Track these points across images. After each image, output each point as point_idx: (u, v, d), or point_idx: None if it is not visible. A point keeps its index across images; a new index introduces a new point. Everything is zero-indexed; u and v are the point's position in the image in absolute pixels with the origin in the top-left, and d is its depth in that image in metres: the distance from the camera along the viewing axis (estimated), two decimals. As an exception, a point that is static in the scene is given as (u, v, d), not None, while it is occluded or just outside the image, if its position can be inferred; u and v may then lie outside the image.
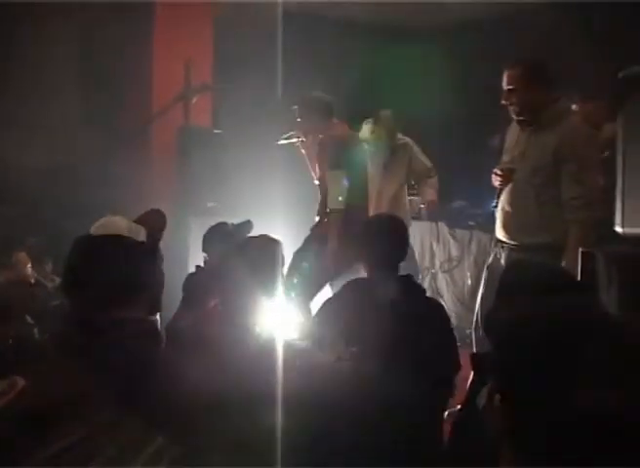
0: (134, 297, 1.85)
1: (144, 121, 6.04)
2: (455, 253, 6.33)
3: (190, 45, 6.29)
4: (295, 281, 4.26)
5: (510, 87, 3.59)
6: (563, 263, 3.32)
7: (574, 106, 4.30)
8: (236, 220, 3.68)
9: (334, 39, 7.15)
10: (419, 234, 6.51)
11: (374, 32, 7.57)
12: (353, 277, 3.21)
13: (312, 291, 4.36)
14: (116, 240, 1.87)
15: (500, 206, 3.73)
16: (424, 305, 2.91)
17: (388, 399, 2.34)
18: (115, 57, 6.04)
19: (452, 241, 6.36)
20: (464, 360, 2.32)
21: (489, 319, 1.35)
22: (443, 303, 6.33)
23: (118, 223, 1.92)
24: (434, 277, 6.43)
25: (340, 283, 3.26)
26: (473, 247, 6.11)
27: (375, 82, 7.16)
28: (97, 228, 1.91)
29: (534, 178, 3.56)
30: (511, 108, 3.64)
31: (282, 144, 5.02)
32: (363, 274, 3.03)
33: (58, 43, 5.90)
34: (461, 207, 6.40)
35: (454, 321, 6.12)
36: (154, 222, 2.05)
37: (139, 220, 2.02)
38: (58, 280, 4.97)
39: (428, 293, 6.36)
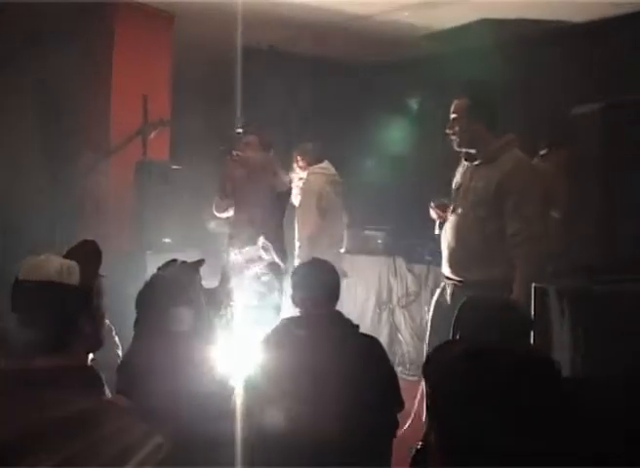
0: (65, 346, 1.80)
1: (102, 155, 6.00)
2: (412, 287, 6.37)
3: (148, 79, 6.30)
4: None
5: (454, 116, 3.67)
6: (511, 298, 3.35)
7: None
8: (193, 256, 3.64)
9: (289, 73, 7.24)
10: (376, 269, 6.55)
11: (329, 67, 7.70)
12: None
13: None
14: (46, 287, 1.82)
15: (446, 242, 3.76)
16: (360, 342, 2.87)
17: (330, 441, 2.32)
18: (72, 89, 6.01)
19: (409, 276, 6.40)
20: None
21: (426, 360, 1.35)
22: (401, 338, 6.39)
23: (48, 266, 1.84)
24: (392, 312, 6.46)
25: None
26: (430, 281, 6.15)
27: (328, 115, 7.26)
28: (26, 272, 1.84)
29: (478, 213, 3.59)
30: (453, 138, 3.70)
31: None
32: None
33: (10, 74, 5.85)
34: (417, 243, 6.46)
35: (412, 356, 6.16)
36: (89, 259, 1.99)
37: (72, 254, 1.95)
38: None
39: (386, 329, 6.45)
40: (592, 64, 5.87)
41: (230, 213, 5.40)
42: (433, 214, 3.90)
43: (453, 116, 3.69)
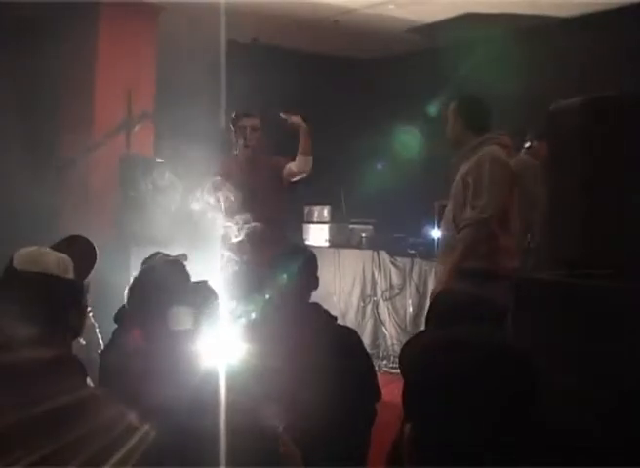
0: (55, 337, 1.81)
1: (86, 150, 5.99)
2: (396, 280, 6.40)
3: (132, 73, 6.28)
4: None
5: (445, 119, 3.94)
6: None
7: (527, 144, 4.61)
8: (177, 249, 3.66)
9: (276, 68, 7.23)
10: (360, 262, 6.57)
11: (316, 62, 7.71)
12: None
13: None
14: (46, 278, 1.82)
15: (440, 232, 4.04)
16: (337, 334, 2.90)
17: (307, 432, 2.34)
18: (55, 84, 5.99)
19: (393, 269, 6.43)
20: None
21: (401, 351, 1.36)
22: (385, 331, 6.42)
23: (46, 259, 1.86)
24: (376, 305, 6.48)
25: None
26: (414, 275, 6.19)
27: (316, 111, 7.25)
28: (24, 262, 1.84)
29: (452, 208, 3.84)
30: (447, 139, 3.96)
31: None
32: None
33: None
34: (401, 237, 6.50)
35: (396, 349, 6.19)
36: (85, 256, 2.00)
37: (66, 250, 1.96)
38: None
39: (370, 322, 6.48)
40: (575, 59, 5.92)
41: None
42: None
43: (445, 119, 3.97)
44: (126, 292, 2.43)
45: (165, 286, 2.39)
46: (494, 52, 6.53)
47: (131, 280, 3.02)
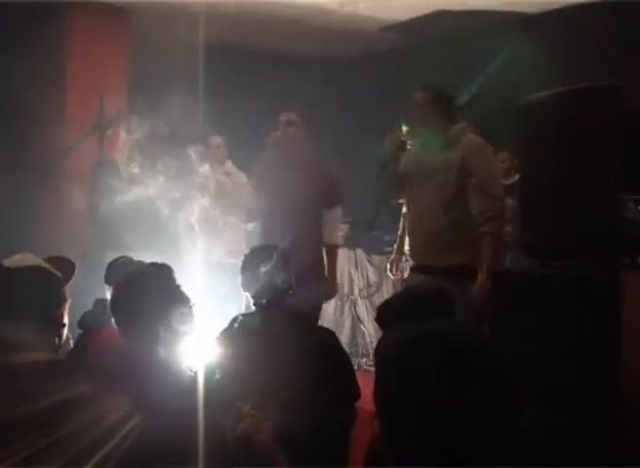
0: (45, 335, 1.82)
1: (58, 154, 5.94)
2: (373, 278, 6.41)
3: (104, 76, 6.24)
4: None
5: (416, 109, 3.81)
6: (478, 282, 3.45)
7: None
8: (152, 253, 3.63)
9: (249, 71, 7.23)
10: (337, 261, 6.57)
11: (289, 63, 7.71)
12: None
13: None
14: (39, 270, 1.85)
15: (410, 231, 3.83)
16: (315, 335, 2.89)
17: (288, 432, 2.34)
18: (25, 88, 5.93)
19: (370, 267, 6.44)
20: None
21: (375, 348, 1.37)
22: (364, 329, 6.43)
23: (35, 258, 1.91)
24: (354, 303, 6.50)
25: None
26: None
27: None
28: (14, 262, 1.87)
29: (442, 197, 3.66)
30: (415, 129, 3.87)
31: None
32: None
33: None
34: (377, 235, 6.51)
35: (375, 346, 6.20)
36: (64, 268, 2.03)
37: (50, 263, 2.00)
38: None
39: (349, 320, 6.49)
40: (547, 53, 5.97)
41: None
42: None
43: (416, 109, 3.82)
44: (110, 296, 2.41)
45: (160, 289, 2.38)
46: (467, 49, 6.58)
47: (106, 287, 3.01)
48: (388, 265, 4.30)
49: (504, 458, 1.10)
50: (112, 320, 2.34)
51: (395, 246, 4.33)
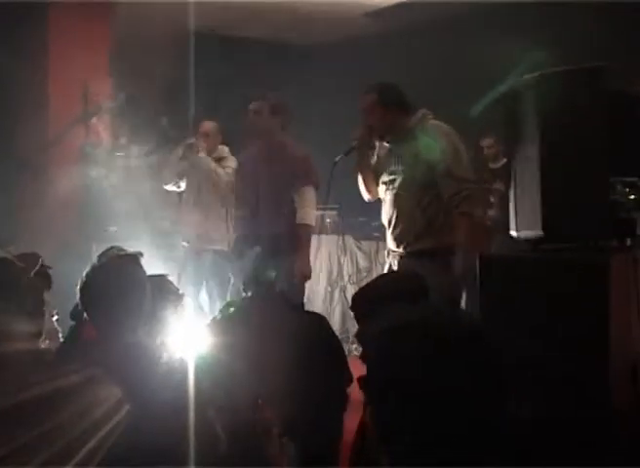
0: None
1: (43, 145, 5.89)
2: (363, 264, 6.42)
3: (87, 65, 6.18)
4: None
5: (366, 111, 3.83)
6: (453, 265, 3.51)
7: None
8: (138, 245, 3.59)
9: (234, 58, 7.19)
10: (325, 248, 6.57)
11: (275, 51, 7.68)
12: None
13: None
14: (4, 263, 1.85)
15: (387, 217, 3.87)
16: (306, 320, 2.90)
17: (280, 416, 2.34)
18: (11, 79, 5.87)
19: (359, 253, 6.45)
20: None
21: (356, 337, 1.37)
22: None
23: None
24: (343, 289, 6.50)
25: None
26: (381, 257, 6.19)
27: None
28: None
29: (413, 185, 3.71)
30: (372, 130, 3.86)
31: None
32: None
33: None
34: (365, 221, 6.51)
35: (355, 334, 6.20)
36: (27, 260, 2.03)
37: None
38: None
39: (339, 307, 6.49)
40: (527, 38, 5.95)
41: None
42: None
43: (365, 111, 3.85)
44: (78, 288, 2.39)
45: (117, 281, 2.34)
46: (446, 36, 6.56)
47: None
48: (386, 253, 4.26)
49: (492, 442, 1.10)
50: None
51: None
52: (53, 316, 3.18)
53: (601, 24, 5.74)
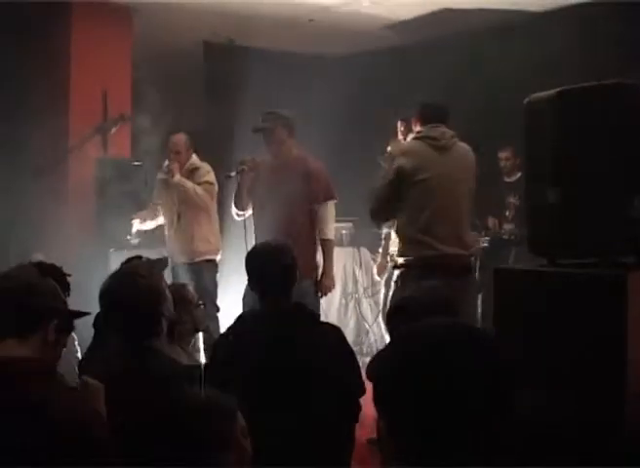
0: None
1: (62, 153, 5.94)
2: (378, 277, 6.41)
3: (108, 75, 6.24)
4: None
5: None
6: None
7: None
8: (157, 253, 3.64)
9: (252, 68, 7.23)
10: (341, 260, 6.57)
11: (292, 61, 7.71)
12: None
13: None
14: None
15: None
16: (318, 331, 2.88)
17: (292, 426, 2.34)
18: (31, 86, 5.94)
19: (374, 266, 6.44)
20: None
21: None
22: (368, 328, 6.44)
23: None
24: (358, 302, 6.50)
25: None
26: (396, 270, 6.19)
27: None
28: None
29: None
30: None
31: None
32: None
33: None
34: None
35: (379, 345, 6.21)
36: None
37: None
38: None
39: (353, 319, 6.49)
40: (551, 53, 5.95)
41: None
42: None
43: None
44: (99, 294, 2.41)
45: (137, 289, 2.37)
46: (469, 49, 6.57)
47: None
48: (375, 269, 4.54)
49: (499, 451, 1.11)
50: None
51: (380, 250, 4.91)
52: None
53: (622, 39, 5.72)
